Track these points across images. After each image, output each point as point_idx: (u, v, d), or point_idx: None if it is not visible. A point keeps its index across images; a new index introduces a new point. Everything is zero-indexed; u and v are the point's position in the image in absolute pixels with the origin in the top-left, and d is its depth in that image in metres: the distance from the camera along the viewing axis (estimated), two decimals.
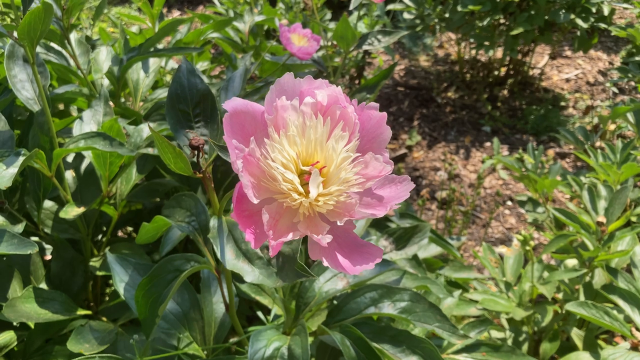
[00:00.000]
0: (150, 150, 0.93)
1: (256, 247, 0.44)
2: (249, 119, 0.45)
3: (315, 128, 0.44)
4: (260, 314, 0.92)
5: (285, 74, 0.46)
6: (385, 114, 0.48)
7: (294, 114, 0.44)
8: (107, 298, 1.25)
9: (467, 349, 0.95)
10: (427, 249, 1.26)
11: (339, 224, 0.44)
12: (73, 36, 1.20)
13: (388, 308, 0.77)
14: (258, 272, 0.54)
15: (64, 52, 1.22)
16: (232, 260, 0.56)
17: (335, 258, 0.45)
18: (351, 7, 1.26)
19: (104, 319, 1.00)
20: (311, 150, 0.45)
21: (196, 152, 0.57)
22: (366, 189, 0.46)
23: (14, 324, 0.96)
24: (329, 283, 0.82)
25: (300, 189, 0.43)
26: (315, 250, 0.45)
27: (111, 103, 1.04)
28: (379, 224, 1.15)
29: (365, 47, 1.29)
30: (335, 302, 0.92)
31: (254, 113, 0.46)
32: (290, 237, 0.43)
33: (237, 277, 0.89)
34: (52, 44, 1.24)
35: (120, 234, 1.46)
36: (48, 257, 1.06)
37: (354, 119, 0.45)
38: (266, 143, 0.44)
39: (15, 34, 0.78)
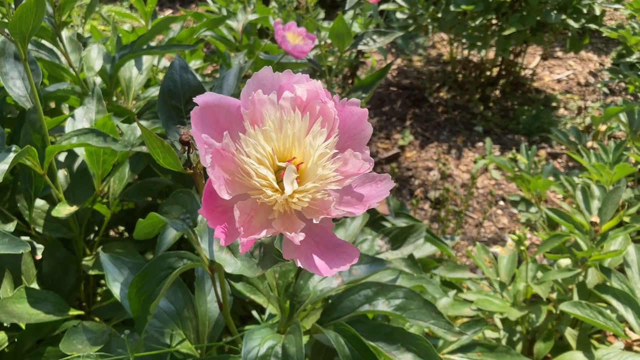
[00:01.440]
0: (144, 149, 0.92)
1: (226, 244, 0.42)
2: (224, 112, 0.44)
3: (292, 123, 0.43)
4: (254, 313, 0.91)
5: (264, 68, 0.45)
6: (366, 110, 0.47)
7: (271, 108, 0.43)
8: (98, 298, 1.24)
9: (463, 349, 0.95)
10: (421, 249, 1.25)
11: (315, 222, 0.43)
12: (65, 33, 1.19)
13: (382, 305, 0.77)
14: (240, 263, 0.54)
15: (55, 49, 1.21)
16: (216, 252, 0.56)
17: (310, 258, 0.44)
18: (347, 7, 1.26)
19: (97, 319, 0.98)
20: (288, 146, 0.44)
21: (186, 147, 0.56)
22: (345, 186, 0.45)
23: (5, 324, 0.95)
24: (324, 282, 0.81)
25: (275, 185, 0.42)
26: (290, 250, 0.44)
27: (104, 101, 1.03)
28: (375, 224, 1.15)
29: (360, 47, 1.29)
30: (329, 300, 0.91)
31: (228, 107, 0.44)
32: (263, 234, 0.42)
33: (232, 276, 0.89)
34: (43, 42, 1.22)
35: (112, 233, 1.45)
36: (38, 256, 1.05)
37: (333, 114, 0.44)
38: (241, 137, 0.43)
39: (6, 29, 0.77)
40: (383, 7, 2.71)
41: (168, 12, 4.32)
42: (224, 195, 0.41)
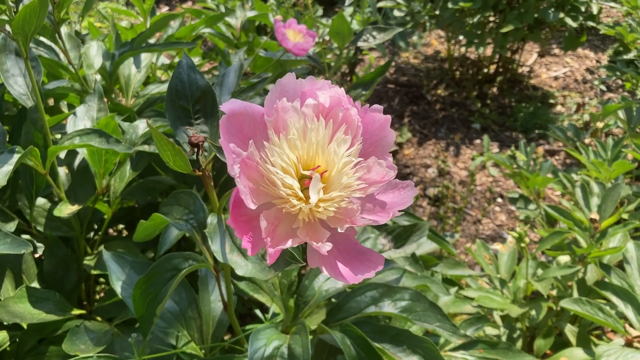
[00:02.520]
0: (146, 148, 0.92)
1: (253, 254, 0.42)
2: (248, 120, 0.44)
3: (316, 131, 0.43)
4: (258, 312, 0.91)
5: (287, 75, 0.45)
6: (389, 116, 0.46)
7: (295, 116, 0.42)
8: (98, 297, 1.23)
9: (465, 347, 0.95)
10: (422, 246, 1.25)
11: (339, 230, 0.43)
12: (64, 30, 1.18)
13: (389, 307, 0.77)
14: (251, 265, 0.54)
15: (54, 46, 1.20)
16: (227, 254, 0.56)
17: (335, 266, 0.44)
18: (346, 4, 1.26)
19: (99, 318, 0.98)
20: (312, 154, 0.43)
21: (196, 149, 0.56)
22: (368, 194, 0.45)
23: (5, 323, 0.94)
24: (329, 281, 0.81)
25: (300, 194, 0.42)
26: (315, 258, 0.44)
27: (105, 99, 1.02)
28: None
29: (360, 44, 1.28)
30: (333, 300, 0.91)
31: (253, 114, 0.44)
32: (289, 244, 0.42)
33: (235, 275, 0.89)
34: (42, 39, 1.21)
35: (111, 231, 1.44)
36: (37, 254, 1.04)
37: (356, 121, 0.44)
38: (265, 146, 0.42)
39: (7, 27, 0.76)
40: (381, 4, 2.70)
41: (165, 9, 4.30)
42: (250, 204, 0.40)
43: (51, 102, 1.32)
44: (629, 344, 1.01)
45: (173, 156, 0.51)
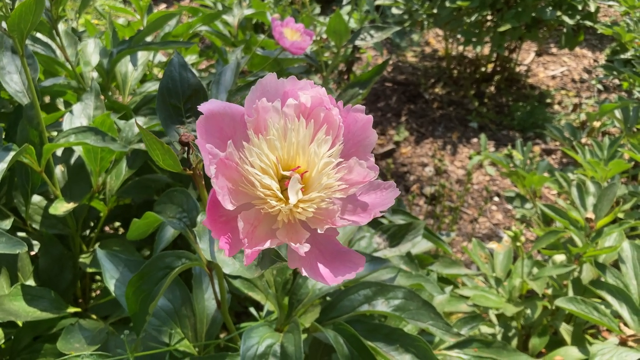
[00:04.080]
0: (142, 146, 0.92)
1: (230, 255, 0.42)
2: (228, 120, 0.43)
3: (297, 131, 0.42)
4: (252, 309, 0.92)
5: (268, 74, 0.44)
6: (371, 117, 0.46)
7: (275, 116, 0.42)
8: (94, 294, 1.23)
9: (459, 345, 0.95)
10: (417, 245, 1.25)
11: (319, 231, 0.43)
12: (61, 27, 1.18)
13: (382, 306, 0.77)
14: (238, 264, 0.53)
15: (51, 43, 1.20)
16: (215, 253, 0.56)
17: (315, 267, 0.43)
18: (344, 2, 1.25)
19: (94, 316, 0.98)
20: (292, 154, 0.43)
21: (186, 148, 0.56)
22: (349, 195, 0.44)
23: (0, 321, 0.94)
24: None
25: (280, 195, 0.41)
26: (295, 259, 0.43)
27: (102, 96, 1.02)
28: (372, 221, 1.15)
29: (357, 42, 1.28)
30: (327, 298, 0.92)
31: (233, 114, 0.44)
32: (267, 244, 0.41)
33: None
34: (39, 35, 1.21)
35: (107, 228, 1.44)
36: (32, 252, 1.04)
37: (338, 122, 0.44)
38: (245, 146, 0.42)
39: (4, 25, 0.76)
40: (379, 2, 2.70)
41: (162, 6, 4.29)
42: (227, 205, 0.40)
43: (47, 99, 1.31)
44: (623, 342, 1.02)
45: (162, 155, 0.50)
